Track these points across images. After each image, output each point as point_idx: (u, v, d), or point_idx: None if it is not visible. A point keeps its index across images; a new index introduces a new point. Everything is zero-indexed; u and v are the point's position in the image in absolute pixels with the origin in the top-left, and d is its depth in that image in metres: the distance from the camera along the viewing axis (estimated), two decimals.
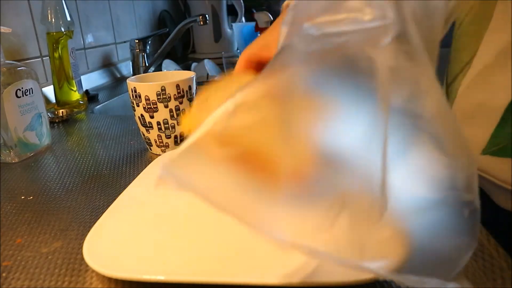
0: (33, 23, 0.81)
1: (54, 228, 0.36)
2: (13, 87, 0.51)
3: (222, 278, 0.26)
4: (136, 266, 0.28)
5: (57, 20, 0.74)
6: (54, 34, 0.75)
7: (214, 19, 1.46)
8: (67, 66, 0.77)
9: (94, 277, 0.29)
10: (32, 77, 0.54)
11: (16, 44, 0.77)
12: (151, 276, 0.26)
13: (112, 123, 0.69)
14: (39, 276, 0.29)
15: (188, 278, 0.26)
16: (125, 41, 1.21)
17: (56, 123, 0.70)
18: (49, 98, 0.83)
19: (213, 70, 1.23)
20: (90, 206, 0.40)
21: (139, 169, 0.48)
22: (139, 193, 0.39)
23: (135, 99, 0.50)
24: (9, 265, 0.31)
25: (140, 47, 1.11)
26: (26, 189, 0.44)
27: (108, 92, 0.97)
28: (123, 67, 1.19)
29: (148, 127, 0.51)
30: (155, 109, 0.49)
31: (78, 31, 0.99)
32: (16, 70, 0.52)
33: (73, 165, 0.51)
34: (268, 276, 0.26)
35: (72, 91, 0.79)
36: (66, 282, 0.28)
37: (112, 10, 1.15)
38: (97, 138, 0.62)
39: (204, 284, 0.26)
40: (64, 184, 0.45)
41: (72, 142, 0.60)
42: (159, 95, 0.48)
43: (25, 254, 0.32)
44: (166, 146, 0.52)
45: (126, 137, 0.61)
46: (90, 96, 0.89)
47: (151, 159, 0.51)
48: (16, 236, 0.35)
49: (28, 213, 0.39)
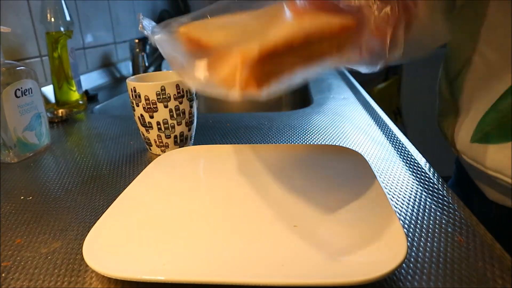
0: (32, 23, 0.81)
1: (54, 228, 0.36)
2: (12, 87, 0.51)
3: (222, 278, 0.26)
4: (136, 266, 0.28)
5: (56, 20, 0.74)
6: (54, 34, 0.75)
7: None
8: (67, 66, 0.77)
9: (94, 277, 0.29)
10: (31, 77, 0.54)
11: (16, 44, 0.77)
12: (151, 276, 0.26)
13: (111, 123, 0.68)
14: (39, 276, 0.29)
15: (188, 278, 0.26)
16: (125, 41, 1.21)
17: (55, 123, 0.70)
18: (48, 98, 0.83)
19: None
20: (90, 206, 0.39)
21: (139, 169, 0.48)
22: (139, 193, 0.39)
23: (134, 99, 0.50)
24: (8, 265, 0.31)
25: (140, 47, 1.10)
26: (26, 189, 0.44)
27: (107, 92, 0.97)
28: (123, 67, 1.19)
29: (147, 127, 0.51)
30: (155, 109, 0.49)
31: (78, 31, 0.99)
32: (16, 70, 0.52)
33: (72, 165, 0.51)
34: (268, 276, 0.26)
35: (71, 91, 0.79)
36: (66, 282, 0.28)
37: (112, 10, 1.15)
38: (97, 138, 0.62)
39: (204, 284, 0.26)
40: (63, 184, 0.45)
41: (71, 142, 0.60)
42: (159, 95, 0.48)
43: (25, 254, 0.32)
44: (165, 146, 0.52)
45: (126, 137, 0.61)
46: (89, 96, 0.89)
47: (151, 159, 0.51)
48: (15, 236, 0.35)
49: (28, 213, 0.38)
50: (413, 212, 0.35)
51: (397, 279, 0.27)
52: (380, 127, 0.58)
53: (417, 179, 0.41)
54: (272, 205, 0.36)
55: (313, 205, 0.35)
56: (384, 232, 0.30)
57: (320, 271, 0.26)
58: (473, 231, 0.32)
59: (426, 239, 0.31)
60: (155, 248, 0.30)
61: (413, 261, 0.29)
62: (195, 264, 0.28)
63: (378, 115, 0.64)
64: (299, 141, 0.55)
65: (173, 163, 0.46)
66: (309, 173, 0.42)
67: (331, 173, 0.42)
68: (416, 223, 0.34)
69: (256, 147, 0.50)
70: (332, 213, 0.34)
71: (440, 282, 0.27)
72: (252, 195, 0.38)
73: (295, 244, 0.30)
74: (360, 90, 0.86)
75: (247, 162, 0.46)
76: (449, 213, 0.35)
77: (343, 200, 0.36)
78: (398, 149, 0.50)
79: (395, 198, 0.38)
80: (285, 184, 0.40)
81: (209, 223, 0.33)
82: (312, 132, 0.58)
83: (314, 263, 0.27)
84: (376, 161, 0.46)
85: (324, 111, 0.69)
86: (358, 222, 0.32)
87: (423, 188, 0.39)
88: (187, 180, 0.42)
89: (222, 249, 0.29)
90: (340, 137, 0.55)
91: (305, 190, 0.38)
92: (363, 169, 0.41)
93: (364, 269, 0.25)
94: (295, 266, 0.27)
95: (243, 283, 0.25)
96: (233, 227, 0.32)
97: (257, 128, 0.62)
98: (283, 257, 0.28)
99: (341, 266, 0.27)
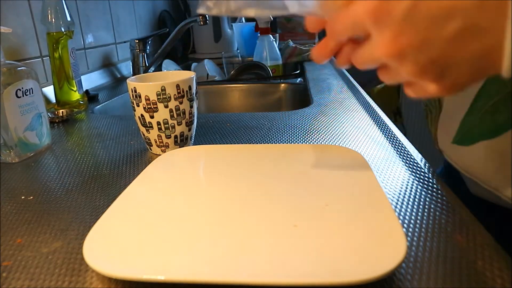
0: (33, 23, 0.82)
1: (54, 228, 0.36)
2: (13, 87, 0.51)
3: (222, 278, 0.26)
4: (136, 266, 0.28)
5: (57, 20, 0.74)
6: (54, 34, 0.75)
7: (214, 19, 1.47)
8: (67, 66, 0.77)
9: (94, 277, 0.29)
10: (32, 77, 0.54)
11: (16, 44, 0.77)
12: (151, 276, 0.26)
13: (112, 123, 0.69)
14: (39, 276, 0.29)
15: (188, 278, 0.26)
16: (125, 41, 1.21)
17: (56, 123, 0.70)
18: (49, 98, 0.83)
19: (213, 70, 1.23)
20: (90, 206, 0.40)
21: (139, 169, 0.48)
22: (140, 193, 0.39)
23: (135, 99, 0.50)
24: (9, 265, 0.31)
25: (140, 47, 1.11)
26: (26, 189, 0.44)
27: (108, 92, 0.97)
28: (123, 67, 1.19)
29: (148, 127, 0.51)
30: (155, 109, 0.49)
31: (78, 31, 0.99)
32: (16, 70, 0.52)
33: (73, 165, 0.51)
34: (268, 276, 0.26)
35: (72, 91, 0.79)
36: (66, 282, 0.28)
37: (112, 10, 1.15)
38: (97, 138, 0.62)
39: (204, 284, 0.26)
40: (64, 184, 0.45)
41: (72, 142, 0.60)
42: (159, 95, 0.48)
43: (25, 254, 0.32)
44: (166, 146, 0.52)
45: (126, 137, 0.61)
46: (90, 96, 0.89)
47: (151, 159, 0.51)
48: (16, 236, 0.35)
49: (28, 213, 0.39)
50: (412, 211, 0.35)
51: (397, 279, 0.27)
52: (380, 127, 0.58)
53: (416, 179, 0.41)
54: (272, 205, 0.36)
55: (313, 205, 0.35)
56: (383, 232, 0.30)
57: (320, 271, 0.26)
58: (472, 231, 0.32)
59: (425, 238, 0.31)
60: (155, 248, 0.30)
61: (413, 261, 0.29)
62: (195, 264, 0.28)
63: (378, 115, 0.64)
64: (299, 141, 0.55)
65: (173, 163, 0.46)
66: (309, 173, 0.42)
67: (331, 173, 0.42)
68: (416, 222, 0.34)
69: (256, 147, 0.50)
70: (332, 213, 0.34)
71: (440, 282, 0.27)
72: (252, 195, 0.38)
73: (295, 244, 0.30)
74: (359, 90, 0.86)
75: (247, 162, 0.46)
76: (448, 212, 0.35)
77: (342, 200, 0.36)
78: (397, 149, 0.50)
79: (394, 198, 0.38)
80: (285, 184, 0.40)
81: (209, 223, 0.33)
82: (312, 132, 0.58)
83: (314, 263, 0.27)
84: (376, 161, 0.46)
85: (324, 111, 0.69)
86: (358, 222, 0.32)
87: (422, 188, 0.39)
88: (187, 180, 0.42)
89: (222, 249, 0.30)
90: (340, 137, 0.55)
91: (305, 190, 0.38)
92: (363, 169, 0.41)
93: (364, 269, 0.26)
94: (295, 266, 0.27)
95: (243, 283, 0.25)
96: (233, 227, 0.33)
97: (257, 128, 0.62)
98: (283, 257, 0.28)
99: (341, 265, 0.27)
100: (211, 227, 0.33)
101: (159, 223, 0.34)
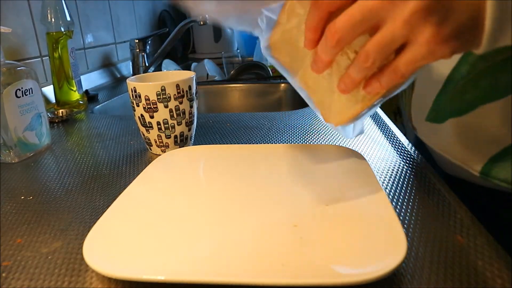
0: (33, 23, 0.81)
1: (54, 228, 0.36)
2: (13, 87, 0.51)
3: (222, 278, 0.26)
4: (136, 266, 0.28)
5: (57, 20, 0.74)
6: (54, 34, 0.75)
7: None
8: (67, 66, 0.77)
9: (94, 277, 0.29)
10: (32, 77, 0.54)
11: (16, 44, 0.77)
12: (151, 276, 0.26)
13: (112, 123, 0.69)
14: (39, 276, 0.29)
15: (188, 278, 0.26)
16: (125, 41, 1.21)
17: (56, 123, 0.70)
18: (49, 98, 0.83)
19: (213, 70, 1.23)
20: (90, 206, 0.40)
21: (139, 169, 0.48)
22: (139, 193, 0.39)
23: (135, 99, 0.50)
24: (9, 265, 0.31)
25: (140, 47, 1.11)
26: (26, 189, 0.44)
27: (108, 92, 0.97)
28: (123, 67, 1.19)
29: (148, 127, 0.51)
30: (155, 109, 0.49)
31: (78, 31, 0.99)
32: (16, 70, 0.52)
33: (73, 165, 0.51)
34: (268, 276, 0.26)
35: (72, 91, 0.79)
36: (66, 282, 0.28)
37: (112, 10, 1.15)
38: (97, 138, 0.62)
39: (204, 284, 0.26)
40: (64, 184, 0.45)
41: (72, 142, 0.60)
42: (159, 95, 0.48)
43: (25, 254, 0.32)
44: (166, 146, 0.52)
45: (126, 137, 0.61)
46: (90, 96, 0.89)
47: (151, 159, 0.51)
48: (16, 236, 0.35)
49: (28, 213, 0.39)
50: (412, 212, 0.35)
51: (397, 279, 0.27)
52: (380, 127, 0.58)
53: (416, 179, 0.41)
54: (272, 205, 0.36)
55: (313, 205, 0.35)
56: (384, 232, 0.30)
57: (320, 271, 0.26)
58: (473, 231, 0.32)
59: (426, 239, 0.31)
60: (155, 248, 0.30)
61: (413, 261, 0.29)
62: (195, 264, 0.28)
63: (378, 115, 0.64)
64: (299, 141, 0.55)
65: (173, 163, 0.46)
66: (309, 173, 0.42)
67: (331, 173, 0.42)
68: (416, 223, 0.34)
69: (256, 147, 0.50)
70: (332, 213, 0.34)
71: (440, 282, 0.27)
72: (252, 195, 0.38)
73: (295, 244, 0.30)
74: None
75: (247, 162, 0.46)
76: (448, 213, 0.35)
77: (343, 200, 0.36)
78: (398, 149, 0.50)
79: (395, 198, 0.38)
80: (285, 184, 0.40)
81: (209, 223, 0.33)
82: (312, 132, 0.58)
83: (314, 263, 0.27)
84: (376, 161, 0.46)
85: None
86: (358, 222, 0.32)
87: (422, 188, 0.39)
88: (187, 180, 0.42)
89: (222, 249, 0.30)
90: (340, 137, 0.55)
91: (305, 190, 0.38)
92: (363, 169, 0.41)
93: (364, 269, 0.26)
94: (295, 266, 0.27)
95: (243, 283, 0.25)
96: (233, 227, 0.33)
97: (257, 128, 0.62)
98: (283, 257, 0.28)
99: (341, 266, 0.27)
100: (211, 227, 0.33)
101: (159, 223, 0.34)
